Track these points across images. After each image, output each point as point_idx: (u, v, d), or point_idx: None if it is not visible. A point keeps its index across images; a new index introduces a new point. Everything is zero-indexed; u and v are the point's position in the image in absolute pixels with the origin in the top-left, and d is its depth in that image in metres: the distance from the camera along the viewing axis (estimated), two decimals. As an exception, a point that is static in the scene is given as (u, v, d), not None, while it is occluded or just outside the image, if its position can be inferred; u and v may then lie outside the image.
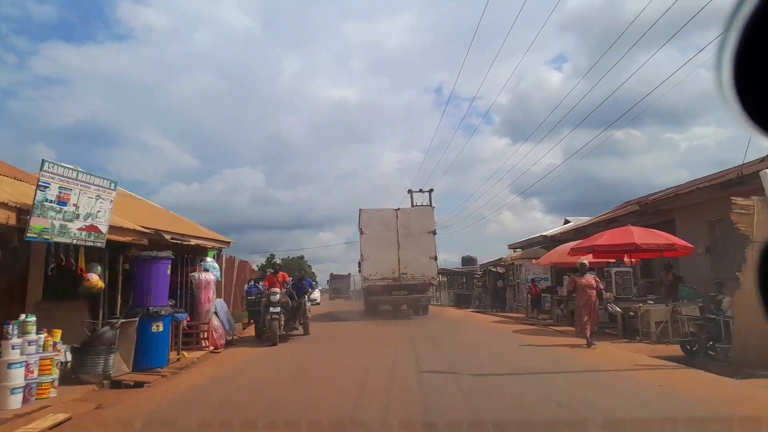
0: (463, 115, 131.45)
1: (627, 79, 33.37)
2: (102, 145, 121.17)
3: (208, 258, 11.67)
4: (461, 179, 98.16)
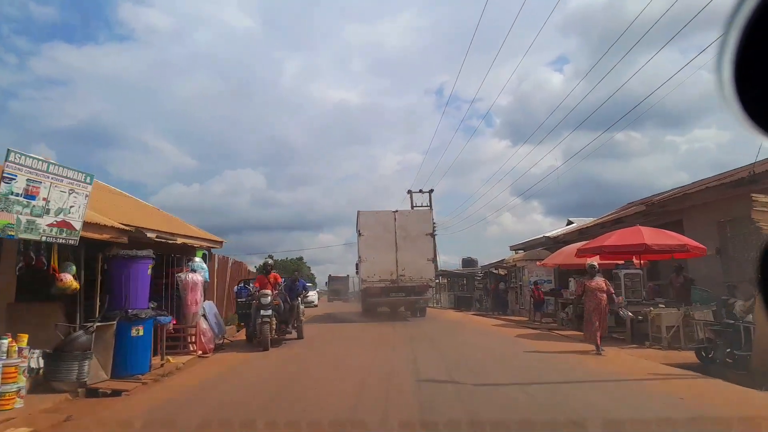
0: (464, 117, 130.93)
1: (627, 80, 32.99)
2: (103, 146, 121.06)
3: (196, 258, 11.13)
4: (462, 181, 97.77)
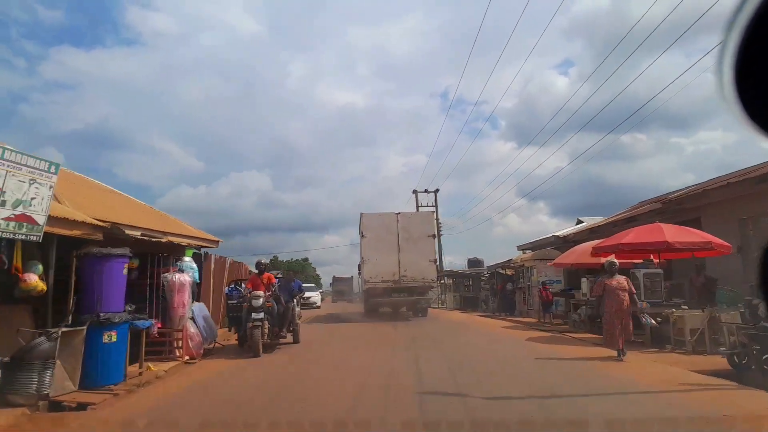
0: (470, 119, 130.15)
1: (631, 82, 32.26)
2: (110, 149, 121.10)
3: (185, 257, 10.45)
4: (467, 182, 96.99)
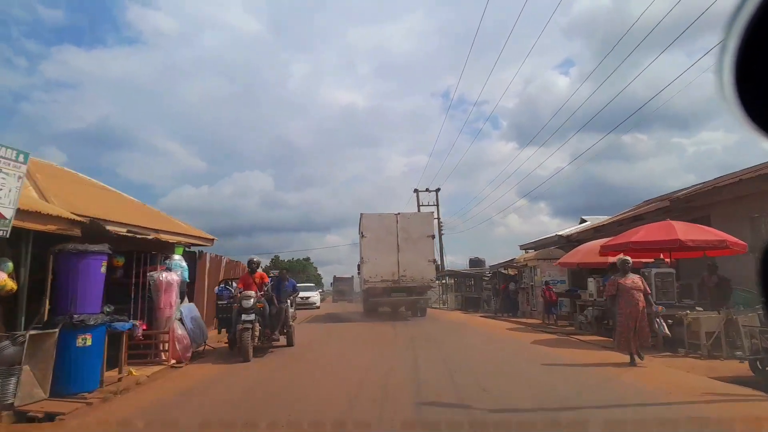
0: (471, 119, 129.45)
1: (631, 81, 31.58)
2: (112, 148, 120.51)
3: (175, 255, 9.96)
4: (468, 182, 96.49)
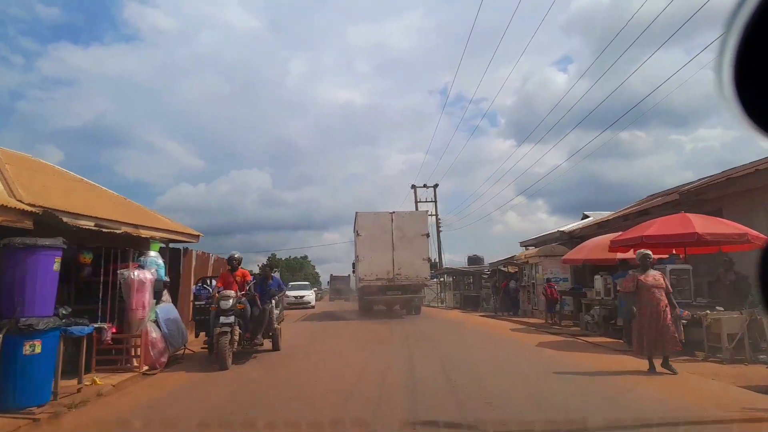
0: (469, 117, 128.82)
1: (628, 77, 31.02)
2: (110, 146, 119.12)
3: (151, 252, 9.20)
4: (466, 180, 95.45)
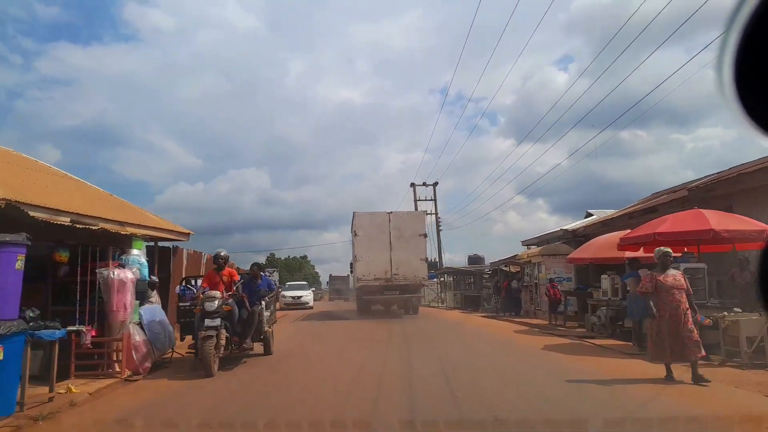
0: (470, 116, 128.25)
1: (628, 75, 30.83)
2: (108, 145, 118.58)
3: (134, 250, 8.70)
4: (467, 180, 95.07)
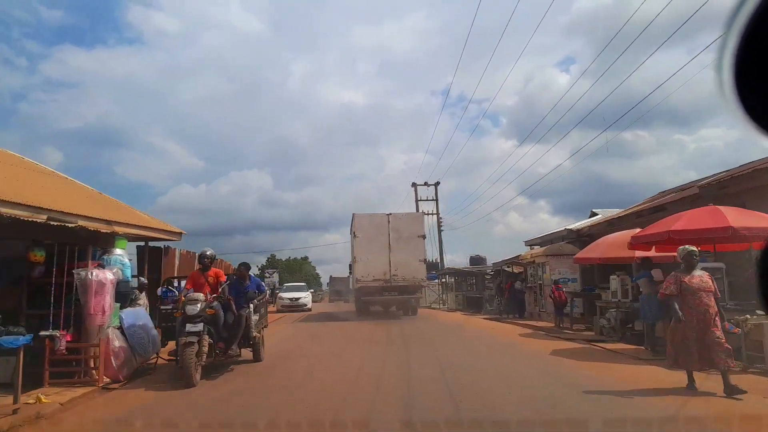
0: (472, 117, 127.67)
1: (629, 75, 30.48)
2: (111, 147, 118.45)
3: (117, 250, 8.20)
4: (468, 181, 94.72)
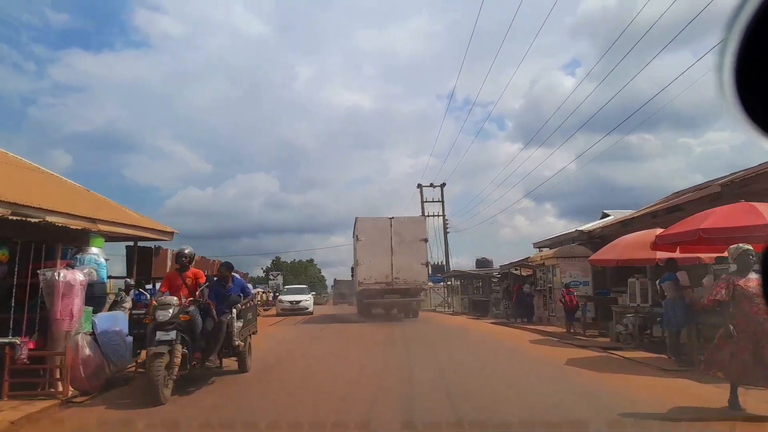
0: (477, 120, 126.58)
1: (633, 77, 29.75)
2: (119, 151, 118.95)
3: (92, 248, 7.55)
4: (474, 184, 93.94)
